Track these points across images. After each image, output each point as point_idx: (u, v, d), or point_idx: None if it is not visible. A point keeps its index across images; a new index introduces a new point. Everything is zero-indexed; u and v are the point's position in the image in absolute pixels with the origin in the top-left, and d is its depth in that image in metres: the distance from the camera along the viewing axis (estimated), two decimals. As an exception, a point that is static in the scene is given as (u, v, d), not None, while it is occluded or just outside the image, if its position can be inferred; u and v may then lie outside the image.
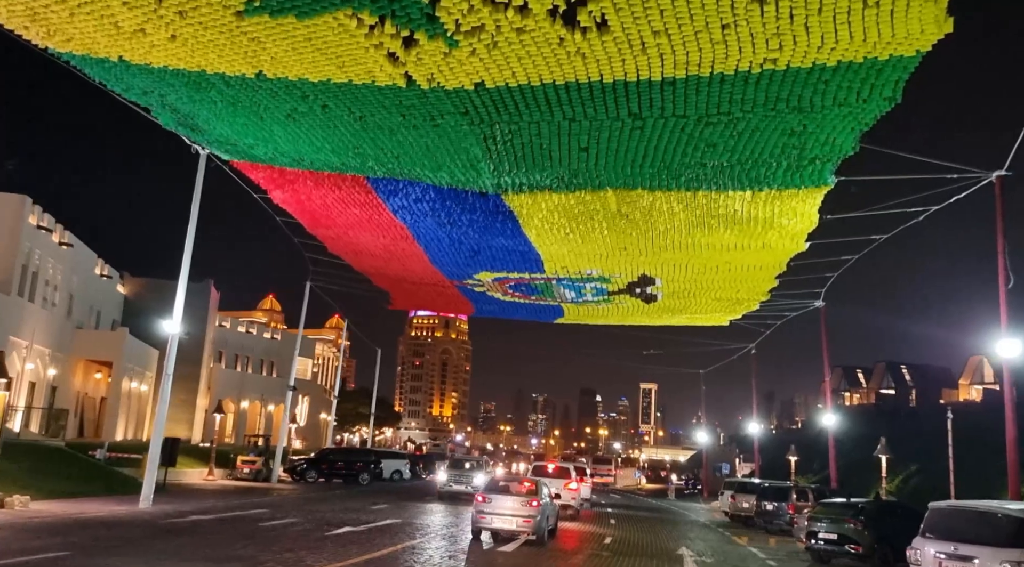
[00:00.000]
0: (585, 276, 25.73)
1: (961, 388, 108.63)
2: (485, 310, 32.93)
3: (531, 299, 29.29)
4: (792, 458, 40.28)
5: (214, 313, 52.39)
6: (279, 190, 20.63)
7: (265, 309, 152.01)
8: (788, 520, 25.14)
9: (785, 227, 19.95)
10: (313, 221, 22.99)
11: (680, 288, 26.78)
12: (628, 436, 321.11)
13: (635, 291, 27.36)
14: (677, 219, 19.56)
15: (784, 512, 25.91)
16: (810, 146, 14.81)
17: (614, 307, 30.02)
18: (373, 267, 27.54)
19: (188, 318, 47.94)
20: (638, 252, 22.41)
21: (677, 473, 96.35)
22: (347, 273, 30.17)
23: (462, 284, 28.06)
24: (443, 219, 20.67)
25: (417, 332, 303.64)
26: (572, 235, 20.83)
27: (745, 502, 29.65)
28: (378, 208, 20.68)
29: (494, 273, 25.94)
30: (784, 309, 32.96)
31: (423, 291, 30.68)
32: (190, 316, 47.69)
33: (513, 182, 17.55)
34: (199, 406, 49.33)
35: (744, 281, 25.86)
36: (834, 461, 31.83)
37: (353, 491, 32.65)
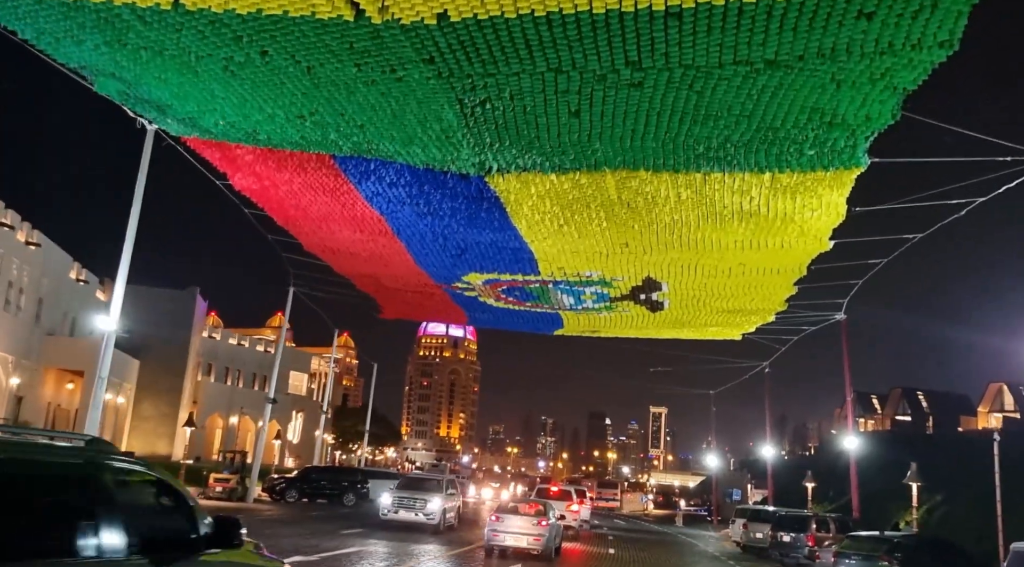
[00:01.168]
0: (584, 279, 23.41)
1: (980, 416, 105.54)
2: (479, 319, 30.60)
3: (527, 306, 26.95)
4: (809, 485, 37.57)
5: (201, 323, 50.23)
6: (240, 173, 18.45)
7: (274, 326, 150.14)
8: (807, 554, 22.63)
9: (808, 221, 17.59)
10: (282, 212, 20.79)
11: (689, 295, 24.40)
12: (638, 460, 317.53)
13: (639, 297, 24.99)
14: (685, 209, 17.23)
15: (803, 544, 23.37)
16: (843, 111, 12.49)
17: (617, 316, 27.64)
18: (354, 268, 25.29)
19: (170, 327, 46.12)
20: (641, 250, 20.08)
21: (686, 499, 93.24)
22: (331, 277, 27.95)
23: (451, 288, 25.77)
24: (422, 208, 18.41)
25: (425, 352, 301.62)
26: (567, 227, 18.52)
27: (759, 532, 27.09)
28: (350, 195, 18.46)
29: (484, 275, 23.64)
30: (801, 322, 30.48)
31: (411, 297, 28.40)
32: (172, 325, 45.85)
33: (497, 160, 15.29)
34: (182, 420, 46.98)
35: (759, 288, 23.47)
36: (856, 489, 29.18)
37: (334, 513, 30.24)
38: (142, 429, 41.32)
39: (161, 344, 43.60)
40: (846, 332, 29.76)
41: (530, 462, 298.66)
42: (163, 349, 43.75)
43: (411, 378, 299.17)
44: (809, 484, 37.82)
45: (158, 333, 43.43)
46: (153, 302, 44.20)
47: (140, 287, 44.99)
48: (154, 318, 43.66)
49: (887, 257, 21.65)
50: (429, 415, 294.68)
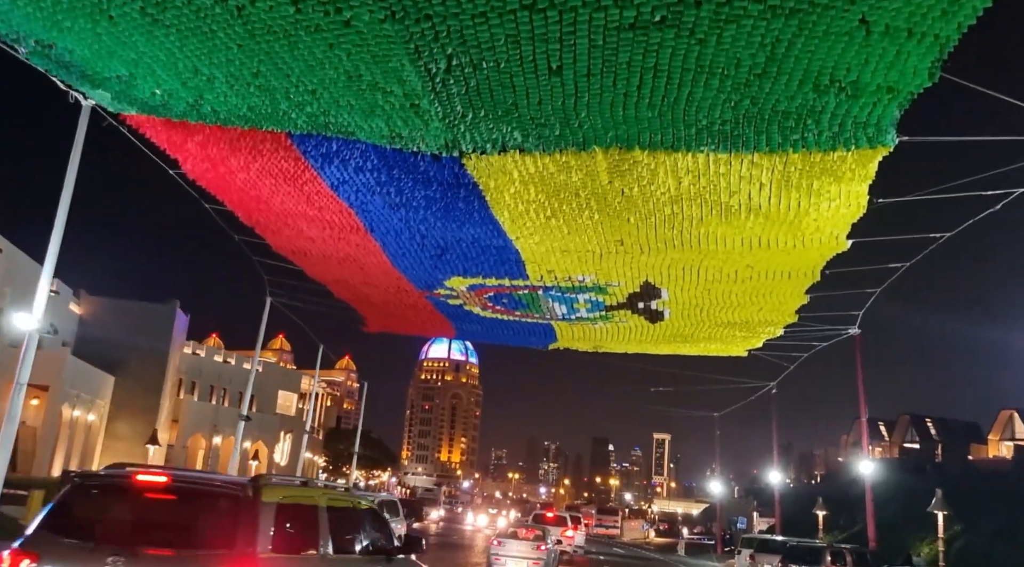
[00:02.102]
0: (577, 285, 21.46)
1: (991, 444, 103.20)
2: (466, 331, 28.63)
3: (516, 315, 24.98)
4: (820, 513, 35.31)
5: (181, 338, 48.22)
6: (191, 158, 16.59)
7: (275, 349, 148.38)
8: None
9: (824, 215, 15.65)
10: (244, 206, 18.92)
11: (691, 303, 22.43)
12: (641, 487, 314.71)
13: (638, 306, 23.02)
14: (686, 199, 15.32)
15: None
16: (871, 70, 10.61)
17: (614, 328, 25.65)
18: (328, 273, 23.38)
19: (147, 342, 44.20)
20: (638, 249, 18.14)
21: (689, 526, 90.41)
22: (308, 284, 26.02)
23: (434, 295, 23.83)
24: (393, 197, 16.51)
25: (427, 375, 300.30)
26: (554, 220, 16.59)
27: (767, 564, 24.91)
28: (314, 184, 16.58)
29: (468, 279, 21.72)
30: (812, 337, 28.44)
31: (393, 307, 26.45)
32: (149, 339, 43.92)
33: (471, 136, 13.41)
34: (160, 441, 44.87)
35: (768, 296, 21.50)
36: (872, 517, 27.01)
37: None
38: (116, 449, 39.27)
39: (138, 360, 41.73)
40: (860, 348, 27.72)
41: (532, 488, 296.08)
42: (140, 365, 41.87)
43: (412, 402, 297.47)
44: (820, 512, 35.56)
45: (135, 348, 41.60)
46: (130, 315, 42.42)
47: (116, 300, 43.30)
48: (131, 332, 41.85)
49: (909, 261, 19.63)
50: (430, 439, 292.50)
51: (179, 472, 7.51)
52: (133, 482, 7.03)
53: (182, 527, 6.86)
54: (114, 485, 7.15)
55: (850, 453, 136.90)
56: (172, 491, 7.03)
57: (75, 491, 7.19)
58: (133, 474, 7.13)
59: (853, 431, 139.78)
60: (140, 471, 7.25)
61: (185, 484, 7.18)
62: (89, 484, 7.42)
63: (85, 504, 7.05)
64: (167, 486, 7.01)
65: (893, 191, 16.06)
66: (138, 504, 6.96)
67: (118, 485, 7.10)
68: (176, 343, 45.99)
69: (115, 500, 7.02)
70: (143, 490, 7.00)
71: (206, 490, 7.15)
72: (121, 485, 7.07)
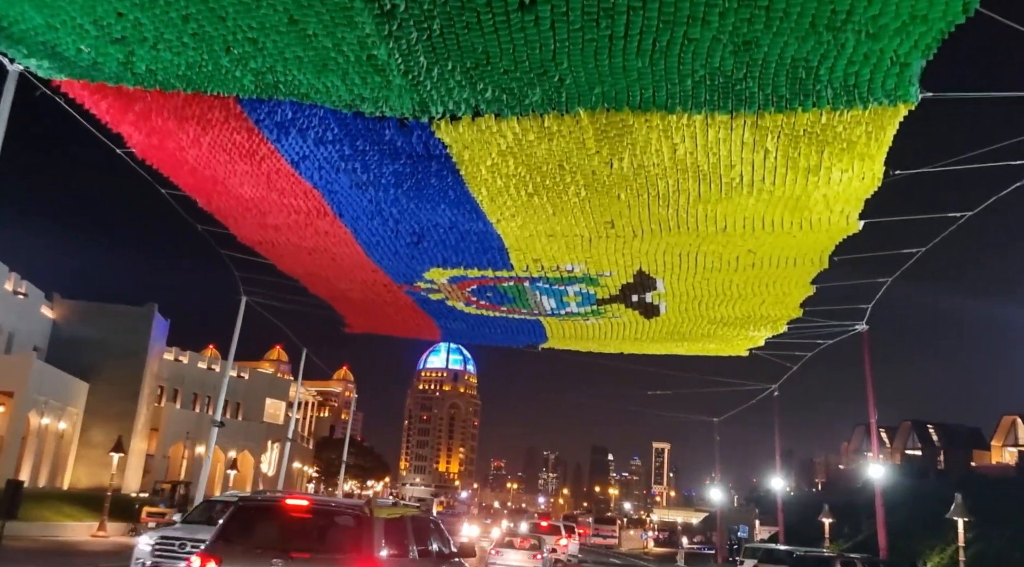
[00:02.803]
0: (566, 275, 19.91)
1: (994, 450, 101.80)
2: (452, 330, 27.05)
3: (502, 311, 23.41)
4: (826, 521, 33.66)
5: (160, 343, 46.49)
6: (136, 132, 15.06)
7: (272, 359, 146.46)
8: (834, 603, 18.85)
9: (834, 189, 14.13)
10: (200, 188, 17.37)
11: (689, 295, 20.89)
12: (641, 497, 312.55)
13: (631, 299, 21.47)
14: (682, 172, 13.80)
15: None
16: (895, 2, 9.11)
17: (607, 324, 24.09)
18: (299, 265, 21.82)
19: (123, 346, 42.51)
20: (631, 232, 16.60)
21: (689, 536, 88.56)
22: (282, 279, 24.47)
23: (413, 290, 22.27)
24: (360, 174, 14.98)
25: (425, 385, 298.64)
26: (537, 198, 15.05)
27: (773, 575, 23.32)
28: (272, 160, 15.05)
29: (448, 270, 20.16)
30: (817, 334, 26.87)
31: (372, 304, 24.88)
32: (125, 344, 42.22)
33: (440, 96, 11.88)
34: (136, 450, 43.08)
35: (772, 286, 19.96)
36: (883, 525, 25.37)
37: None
38: (90, 458, 37.62)
39: (114, 365, 40.05)
40: (869, 346, 26.11)
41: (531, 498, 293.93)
42: (116, 370, 40.17)
43: (410, 412, 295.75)
44: (826, 520, 33.90)
45: (110, 353, 39.94)
46: (106, 319, 40.77)
47: (91, 303, 41.65)
48: (106, 336, 40.21)
49: (924, 245, 18.09)
50: (428, 449, 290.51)
51: (316, 497, 10.09)
52: (282, 504, 9.31)
53: (320, 537, 9.00)
54: (268, 506, 9.59)
55: (852, 460, 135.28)
56: (311, 511, 9.22)
57: (239, 511, 9.39)
58: (282, 499, 9.47)
59: (854, 437, 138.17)
60: (288, 496, 9.56)
61: (321, 506, 9.46)
62: (249, 506, 9.71)
63: (247, 520, 9.26)
64: (308, 508, 9.23)
65: (911, 163, 14.57)
66: (286, 520, 9.13)
67: (271, 506, 9.52)
68: (154, 348, 44.21)
69: (269, 517, 9.30)
70: (289, 510, 9.19)
71: (336, 510, 9.51)
72: (273, 506, 9.47)
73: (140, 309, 41.97)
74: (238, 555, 8.65)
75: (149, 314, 42.51)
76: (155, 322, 42.98)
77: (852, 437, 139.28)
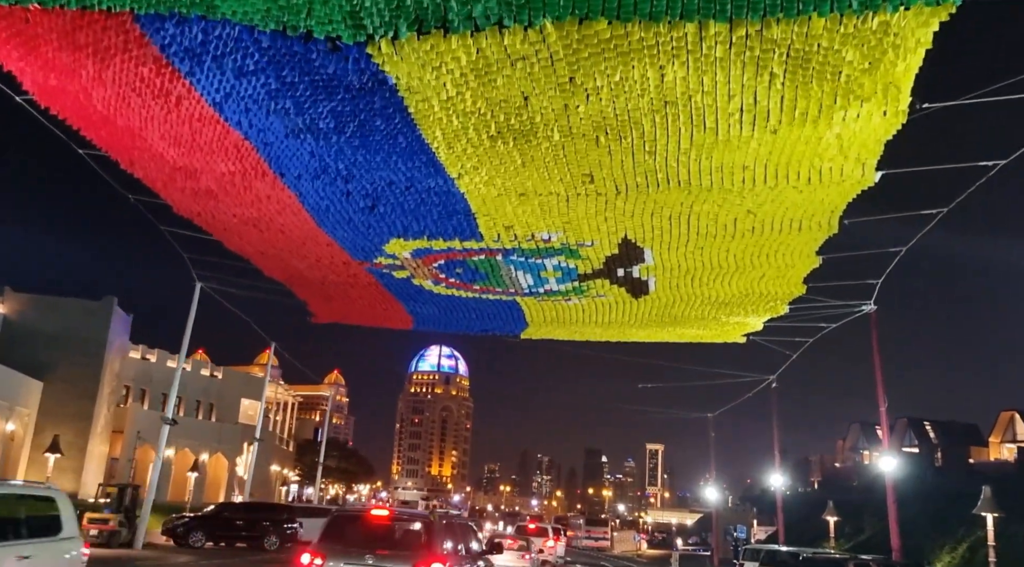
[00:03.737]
0: (543, 246, 17.71)
1: (992, 446, 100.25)
2: (423, 315, 24.77)
3: (475, 290, 21.18)
4: (831, 519, 31.48)
5: (121, 339, 43.96)
6: (27, 68, 12.82)
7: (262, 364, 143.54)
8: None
9: (851, 128, 11.98)
10: (115, 141, 15.10)
11: (681, 268, 18.74)
12: (635, 498, 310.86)
13: (617, 274, 19.30)
14: (671, 105, 11.62)
15: (840, 598, 17.42)
16: None
17: (590, 305, 21.90)
18: (246, 240, 19.55)
19: (79, 343, 40.09)
20: (613, 188, 14.41)
21: (683, 537, 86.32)
22: (235, 262, 22.20)
23: (375, 267, 20.04)
24: (294, 117, 12.75)
25: (417, 388, 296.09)
26: (502, 143, 12.84)
27: (776, 580, 21.10)
28: (190, 100, 12.83)
29: (411, 242, 17.93)
30: (819, 317, 24.73)
31: (333, 287, 22.64)
32: (82, 340, 39.79)
33: (374, 1, 9.69)
34: (94, 453, 40.52)
35: (774, 256, 17.81)
36: (895, 523, 23.18)
37: (243, 561, 24.19)
38: (44, 461, 35.18)
39: (70, 363, 37.51)
40: (876, 327, 23.97)
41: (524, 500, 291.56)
42: (72, 369, 37.58)
43: (402, 415, 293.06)
44: (831, 518, 31.71)
45: (66, 350, 37.44)
46: (61, 314, 38.30)
47: (45, 297, 39.26)
48: (62, 332, 37.75)
49: (946, 205, 15.92)
50: (420, 453, 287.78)
51: (393, 508, 13.65)
52: (367, 514, 12.39)
53: (397, 538, 11.62)
54: (357, 515, 12.85)
55: (848, 458, 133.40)
56: (390, 519, 12.07)
57: (335, 519, 12.36)
58: (368, 510, 12.70)
59: (850, 435, 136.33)
60: (372, 508, 12.84)
61: (397, 515, 12.56)
62: (343, 515, 13.17)
63: (341, 526, 11.96)
64: (388, 516, 12.15)
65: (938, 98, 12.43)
66: (371, 526, 11.84)
67: (359, 515, 12.70)
68: (114, 345, 41.58)
69: (358, 524, 12.10)
70: (373, 519, 12.05)
71: (408, 518, 12.59)
72: (361, 515, 12.59)
73: (98, 303, 39.43)
74: (337, 552, 10.93)
75: (108, 308, 39.91)
76: (115, 317, 40.35)
77: (848, 434, 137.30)
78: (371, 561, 10.78)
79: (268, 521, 29.44)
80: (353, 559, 10.81)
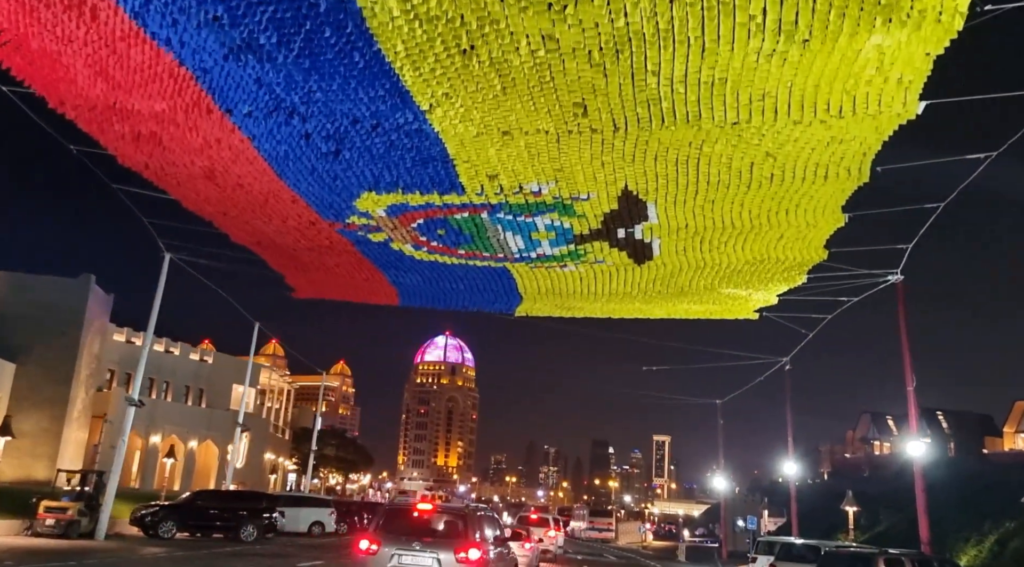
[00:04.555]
0: (533, 201, 15.68)
1: (1006, 436, 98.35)
2: (407, 287, 22.74)
3: (460, 255, 19.14)
4: (850, 509, 29.35)
5: (101, 320, 41.95)
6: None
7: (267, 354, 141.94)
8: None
9: (898, 36, 9.90)
10: (30, 70, 13.06)
11: (689, 228, 16.69)
12: (642, 490, 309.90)
13: (617, 235, 17.25)
14: (677, 3, 9.57)
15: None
16: None
17: (588, 272, 19.85)
18: (204, 198, 17.52)
19: (54, 323, 38.20)
20: (610, 122, 12.34)
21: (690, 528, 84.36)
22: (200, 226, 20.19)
23: (348, 228, 18.02)
24: (228, 30, 10.73)
25: (423, 379, 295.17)
26: (476, 62, 10.79)
27: (795, 576, 19.04)
28: (108, 13, 10.84)
29: (384, 195, 15.89)
30: (840, 289, 22.62)
31: (307, 255, 20.65)
32: (57, 321, 37.88)
33: None
34: (71, 439, 38.55)
35: (794, 212, 15.75)
36: (925, 514, 21.10)
37: (218, 552, 22.31)
38: (16, 448, 33.31)
39: (44, 344, 35.55)
40: (903, 299, 21.82)
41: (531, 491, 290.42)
42: (47, 351, 35.63)
43: (408, 406, 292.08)
44: (850, 508, 29.55)
45: (40, 331, 35.50)
46: (34, 293, 36.30)
47: (15, 274, 37.28)
48: (35, 312, 35.79)
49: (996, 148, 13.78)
50: (426, 444, 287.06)
51: (437, 503, 16.47)
52: (414, 507, 14.48)
53: (441, 528, 13.54)
54: (407, 508, 14.76)
55: (858, 448, 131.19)
56: (434, 512, 14.20)
57: (388, 511, 14.74)
58: (415, 504, 15.09)
59: (860, 425, 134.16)
60: (418, 502, 15.85)
61: (441, 508, 14.79)
62: (393, 509, 15.25)
63: (393, 517, 14.10)
64: (432, 509, 14.30)
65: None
66: (418, 518, 13.89)
67: (408, 509, 14.62)
68: (92, 325, 39.38)
69: (407, 516, 14.16)
70: (420, 512, 14.18)
71: (449, 510, 14.68)
72: (409, 509, 14.57)
73: (74, 281, 37.36)
74: (390, 540, 12.69)
75: (85, 286, 37.78)
76: (92, 295, 38.31)
77: (858, 425, 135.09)
78: (418, 547, 12.57)
79: (245, 510, 27.50)
80: (403, 545, 12.60)
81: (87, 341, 38.61)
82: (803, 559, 19.05)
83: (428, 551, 12.46)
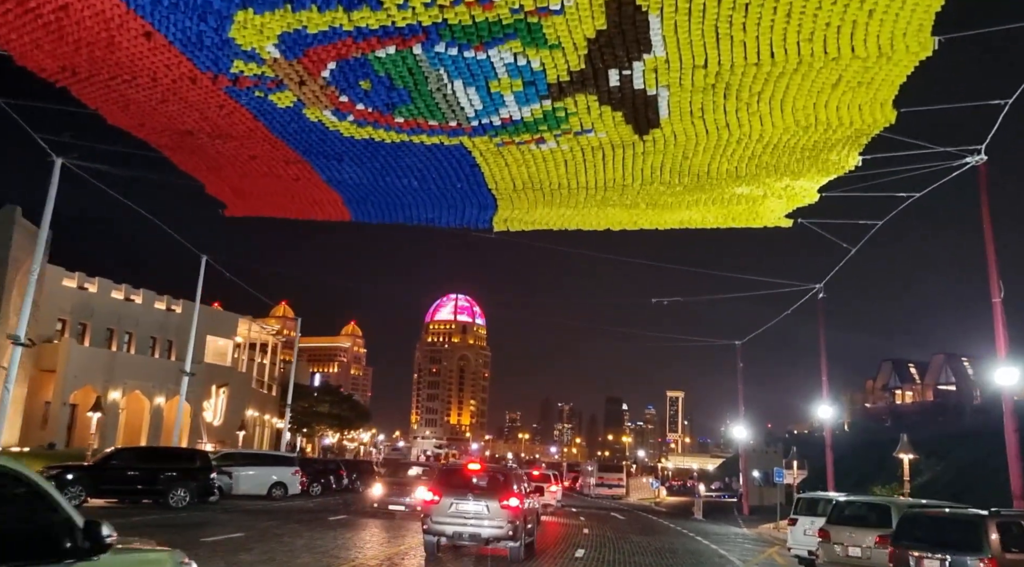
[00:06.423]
0: (481, 16, 10.75)
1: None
2: (348, 189, 17.88)
3: (399, 125, 14.21)
4: (905, 457, 24.60)
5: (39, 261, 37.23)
6: None
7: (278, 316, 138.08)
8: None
9: None
10: None
11: (709, 68, 11.76)
12: (656, 445, 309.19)
13: (608, 82, 12.33)
14: None
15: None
16: None
17: (574, 151, 14.94)
18: (37, 39, 12.68)
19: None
20: None
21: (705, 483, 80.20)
22: (82, 109, 15.39)
23: (238, 86, 13.14)
24: None
25: (434, 338, 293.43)
26: None
27: (854, 545, 14.35)
28: None
29: (268, 17, 11.01)
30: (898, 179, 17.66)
31: (209, 139, 15.81)
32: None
33: None
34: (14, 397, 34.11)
35: (864, 27, 10.83)
36: (1017, 457, 16.35)
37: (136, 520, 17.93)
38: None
39: None
40: (986, 183, 16.84)
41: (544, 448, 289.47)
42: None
43: (419, 365, 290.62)
44: (905, 456, 24.75)
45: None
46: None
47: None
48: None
49: None
50: (439, 402, 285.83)
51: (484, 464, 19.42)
52: (465, 467, 17.71)
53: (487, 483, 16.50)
54: (459, 468, 18.07)
55: (879, 397, 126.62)
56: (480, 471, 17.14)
57: (443, 470, 18.78)
58: (466, 464, 18.82)
59: (880, 374, 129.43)
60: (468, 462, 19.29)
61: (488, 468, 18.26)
62: (447, 469, 18.97)
63: (447, 475, 17.32)
64: (479, 469, 17.29)
65: None
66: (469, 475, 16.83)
67: (461, 468, 17.97)
68: (21, 265, 34.74)
69: (460, 473, 17.15)
70: (470, 471, 17.11)
71: (494, 469, 18.29)
72: (462, 468, 17.85)
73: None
74: (448, 492, 16.07)
75: (8, 219, 33.09)
76: (17, 229, 33.48)
77: (878, 374, 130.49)
78: (471, 497, 15.93)
79: (175, 471, 23.05)
80: (459, 496, 15.96)
81: (13, 281, 33.98)
82: (863, 522, 14.40)
83: (479, 500, 15.85)
